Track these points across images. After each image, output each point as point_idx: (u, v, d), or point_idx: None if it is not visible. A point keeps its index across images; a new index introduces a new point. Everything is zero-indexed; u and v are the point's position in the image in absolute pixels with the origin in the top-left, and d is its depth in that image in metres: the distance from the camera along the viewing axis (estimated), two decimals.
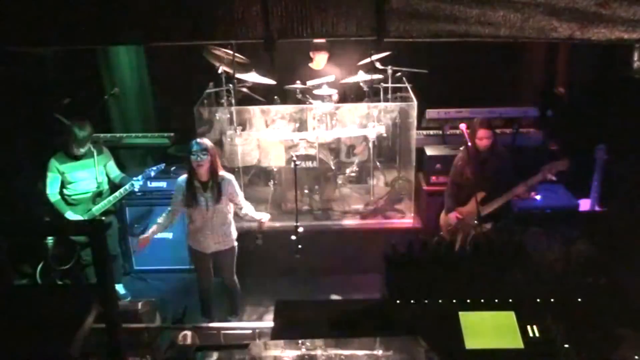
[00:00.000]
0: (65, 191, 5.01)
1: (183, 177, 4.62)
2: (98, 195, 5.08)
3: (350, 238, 5.90)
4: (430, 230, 5.68)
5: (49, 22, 2.20)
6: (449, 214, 5.08)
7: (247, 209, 4.76)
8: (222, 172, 4.60)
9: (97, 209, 5.05)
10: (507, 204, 4.85)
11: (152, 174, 5.16)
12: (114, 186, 5.20)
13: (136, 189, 5.09)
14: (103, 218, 5.08)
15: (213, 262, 4.86)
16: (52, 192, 4.94)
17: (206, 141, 4.48)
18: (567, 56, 6.56)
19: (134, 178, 5.05)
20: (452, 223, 5.05)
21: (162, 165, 5.26)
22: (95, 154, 5.02)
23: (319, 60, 6.46)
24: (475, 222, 4.70)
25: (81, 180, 5.01)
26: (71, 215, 4.95)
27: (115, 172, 5.23)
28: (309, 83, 6.22)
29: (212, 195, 4.50)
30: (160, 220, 4.69)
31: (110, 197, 5.08)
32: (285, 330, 2.77)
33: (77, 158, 4.96)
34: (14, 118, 5.32)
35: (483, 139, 4.74)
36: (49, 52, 5.62)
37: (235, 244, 4.85)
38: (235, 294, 5.05)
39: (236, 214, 4.80)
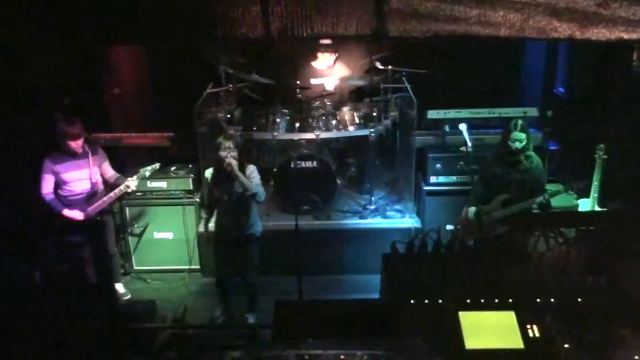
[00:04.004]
0: (59, 192, 4.98)
1: (210, 170, 4.83)
2: (92, 195, 5.06)
3: (350, 238, 5.91)
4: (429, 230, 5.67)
5: (49, 22, 2.20)
6: (470, 210, 5.04)
7: (260, 194, 4.77)
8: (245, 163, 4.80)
9: (93, 209, 5.03)
10: (529, 210, 4.82)
11: (147, 174, 5.14)
12: (109, 186, 5.19)
13: (131, 189, 5.08)
14: (99, 218, 5.07)
15: (237, 254, 4.91)
16: (47, 192, 4.93)
17: (233, 138, 4.68)
18: (567, 56, 6.56)
19: (129, 178, 5.04)
20: (470, 218, 5.00)
21: (157, 165, 5.24)
22: (90, 154, 5.00)
23: (323, 60, 6.45)
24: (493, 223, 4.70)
25: (76, 181, 4.99)
26: (68, 212, 4.94)
27: (110, 173, 5.21)
28: (312, 81, 6.21)
29: (238, 185, 4.65)
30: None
31: (105, 198, 5.06)
32: (285, 330, 2.77)
33: (71, 157, 4.94)
34: (14, 118, 5.31)
35: (515, 140, 4.71)
36: (49, 52, 5.61)
37: (259, 235, 4.95)
38: (254, 291, 5.10)
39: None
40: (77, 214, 4.96)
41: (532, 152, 4.87)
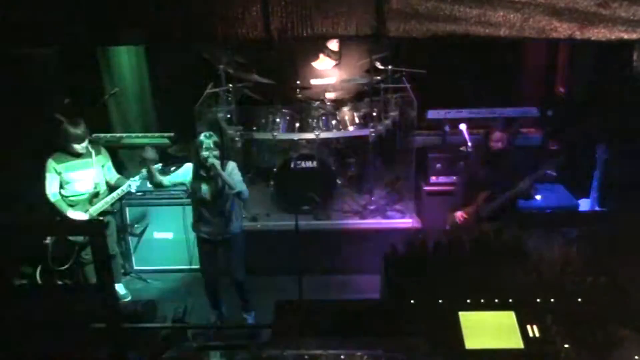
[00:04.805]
0: (62, 192, 4.98)
1: (189, 166, 4.70)
2: (95, 196, 5.06)
3: (350, 238, 5.90)
4: (429, 230, 5.68)
5: (49, 22, 2.20)
6: (455, 213, 5.07)
7: (244, 192, 4.72)
8: (225, 160, 4.69)
9: (95, 209, 5.03)
10: (512, 204, 4.84)
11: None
12: (110, 187, 5.19)
13: (133, 190, 5.08)
14: (101, 218, 5.07)
15: (220, 254, 4.88)
16: (52, 193, 4.93)
17: (214, 137, 4.56)
18: (567, 56, 6.56)
19: (131, 179, 5.04)
20: (457, 222, 5.03)
21: (159, 165, 5.24)
22: (93, 154, 5.01)
23: (325, 61, 6.45)
24: (480, 221, 4.70)
25: (78, 181, 4.99)
26: (72, 213, 4.95)
27: (112, 174, 5.21)
28: (313, 82, 6.22)
29: (218, 183, 4.60)
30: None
31: (108, 198, 5.06)
32: (285, 330, 2.77)
33: (75, 158, 4.95)
34: (15, 118, 5.31)
35: (498, 141, 4.74)
36: (50, 52, 5.61)
37: (240, 231, 4.89)
38: (245, 290, 5.08)
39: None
40: (81, 215, 4.96)
41: (513, 151, 4.91)
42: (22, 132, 5.39)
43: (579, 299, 2.77)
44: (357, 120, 6.11)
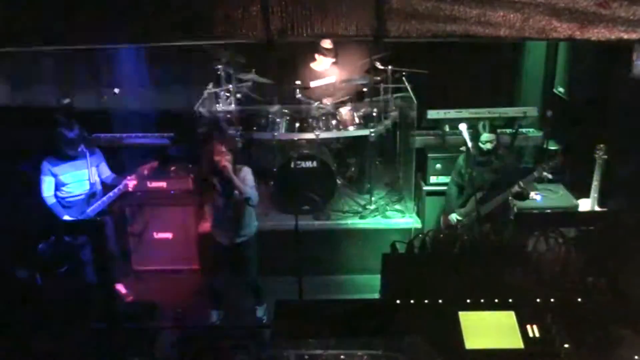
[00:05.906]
0: (58, 193, 4.97)
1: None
2: (92, 196, 5.05)
3: (350, 238, 5.90)
4: (429, 230, 5.68)
5: (49, 22, 2.20)
6: (449, 215, 5.09)
7: (253, 198, 4.75)
8: (239, 165, 4.72)
9: (92, 210, 5.03)
10: (506, 204, 4.85)
11: (145, 172, 5.14)
12: (106, 187, 5.18)
13: (130, 189, 5.08)
14: (98, 219, 5.06)
15: (233, 257, 4.90)
16: (48, 196, 4.91)
17: (226, 141, 4.65)
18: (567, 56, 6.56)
19: (128, 177, 5.03)
20: (452, 224, 5.05)
21: (155, 163, 5.23)
22: (87, 154, 5.00)
23: (322, 61, 6.45)
24: (475, 222, 4.70)
25: (74, 182, 4.97)
26: (69, 218, 4.93)
27: (107, 173, 5.20)
28: (312, 84, 6.22)
29: (232, 188, 4.60)
30: None
31: (104, 198, 5.05)
32: (285, 330, 2.77)
33: (69, 159, 4.94)
34: (14, 119, 5.31)
35: (487, 142, 4.75)
36: (49, 52, 5.61)
37: (254, 234, 4.92)
38: (256, 287, 5.14)
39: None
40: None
41: (502, 151, 4.92)
42: (21, 133, 5.39)
43: (579, 299, 2.77)
44: (357, 120, 6.11)
